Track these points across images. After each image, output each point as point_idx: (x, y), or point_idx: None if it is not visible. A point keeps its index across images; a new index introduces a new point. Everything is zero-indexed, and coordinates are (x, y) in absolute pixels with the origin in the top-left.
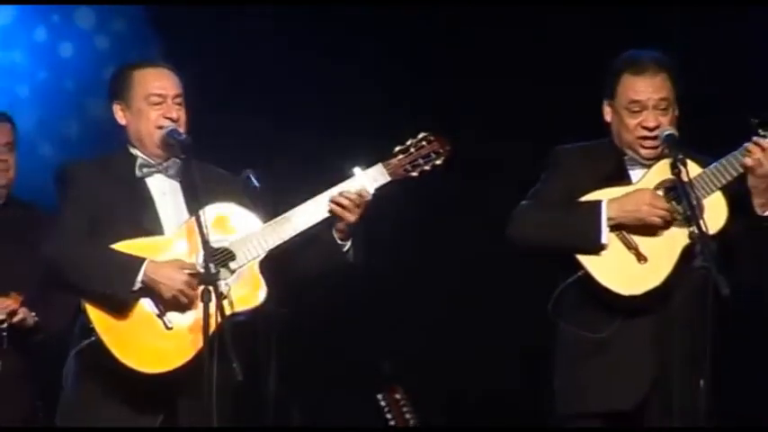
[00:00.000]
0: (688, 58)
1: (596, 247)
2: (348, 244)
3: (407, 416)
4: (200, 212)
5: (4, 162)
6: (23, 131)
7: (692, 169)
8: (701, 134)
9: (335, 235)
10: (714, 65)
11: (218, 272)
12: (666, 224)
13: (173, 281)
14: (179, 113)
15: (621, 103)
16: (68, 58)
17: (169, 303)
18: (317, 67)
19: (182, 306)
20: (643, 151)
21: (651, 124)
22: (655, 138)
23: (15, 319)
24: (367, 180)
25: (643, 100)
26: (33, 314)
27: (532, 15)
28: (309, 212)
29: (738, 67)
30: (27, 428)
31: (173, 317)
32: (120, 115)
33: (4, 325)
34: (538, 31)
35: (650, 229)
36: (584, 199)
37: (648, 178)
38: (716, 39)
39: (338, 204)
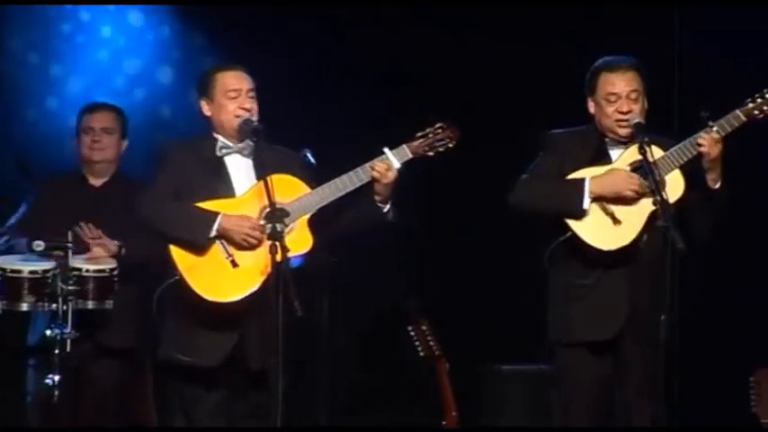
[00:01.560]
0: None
1: (579, 214)
2: (387, 206)
3: (432, 344)
4: (268, 179)
5: (98, 143)
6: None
7: (656, 152)
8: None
9: (376, 199)
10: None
11: (274, 227)
12: (637, 195)
13: (241, 228)
14: (251, 104)
15: (601, 95)
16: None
17: (237, 247)
18: (351, 70)
19: (246, 249)
20: (620, 131)
21: (625, 109)
22: (628, 120)
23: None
24: (393, 156)
25: (618, 91)
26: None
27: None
28: (346, 181)
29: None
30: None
31: (239, 258)
32: (205, 108)
33: (116, 271)
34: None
35: (624, 200)
36: (571, 176)
37: (623, 158)
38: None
39: (374, 171)
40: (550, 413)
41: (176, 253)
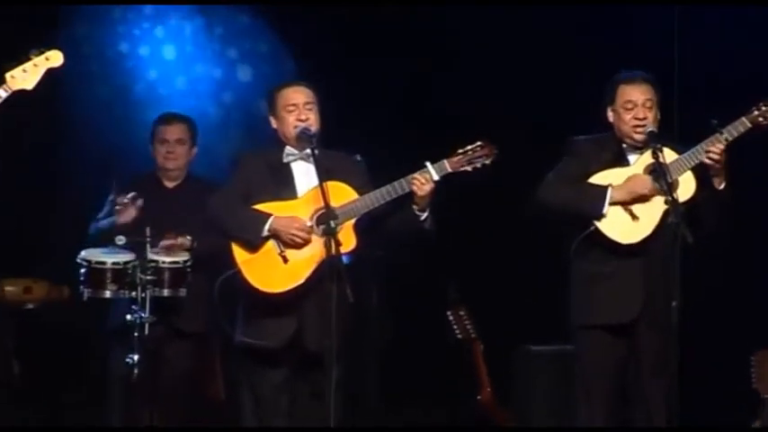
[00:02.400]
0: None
1: (599, 217)
2: (425, 215)
3: (468, 328)
4: (324, 185)
5: (172, 153)
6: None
7: (669, 155)
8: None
9: (414, 208)
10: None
11: (329, 225)
12: (652, 195)
13: (288, 228)
14: (308, 115)
15: (619, 104)
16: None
17: (286, 245)
18: (408, 88)
19: (293, 247)
20: (636, 136)
21: (641, 116)
22: (644, 126)
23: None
24: (433, 170)
25: (634, 99)
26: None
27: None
28: (390, 190)
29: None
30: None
31: (290, 254)
32: (272, 122)
33: (189, 263)
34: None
35: (641, 199)
36: (594, 178)
37: (639, 162)
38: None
39: (414, 183)
40: (573, 389)
41: (235, 248)
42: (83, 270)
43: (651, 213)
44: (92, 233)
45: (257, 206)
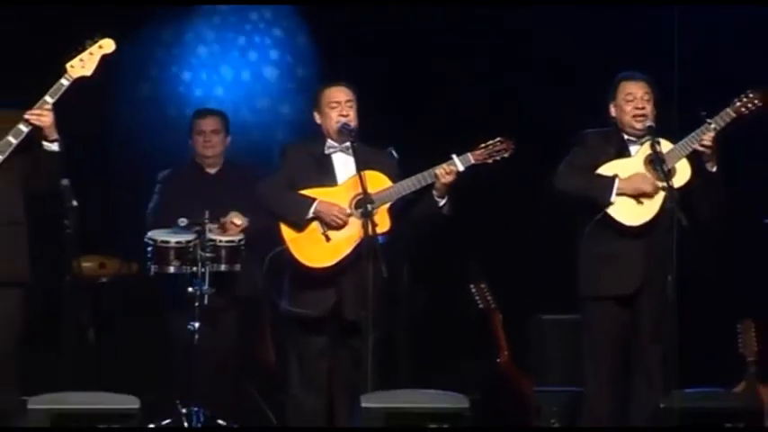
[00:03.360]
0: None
1: (607, 205)
2: (443, 201)
3: (489, 299)
4: (362, 174)
5: (209, 142)
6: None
7: (666, 146)
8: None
9: (435, 194)
10: None
11: (366, 208)
12: (655, 186)
13: (329, 211)
14: (349, 112)
15: (621, 98)
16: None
17: (328, 226)
18: (436, 86)
19: (334, 228)
20: (637, 125)
21: (640, 106)
22: (643, 116)
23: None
24: (459, 161)
25: (634, 92)
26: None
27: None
28: (420, 179)
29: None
30: None
31: (331, 234)
32: (317, 117)
33: (243, 241)
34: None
35: (645, 195)
36: (602, 169)
37: (639, 153)
38: None
39: (439, 173)
40: (581, 353)
41: (283, 228)
42: (149, 248)
43: (653, 201)
44: (148, 219)
45: (303, 191)
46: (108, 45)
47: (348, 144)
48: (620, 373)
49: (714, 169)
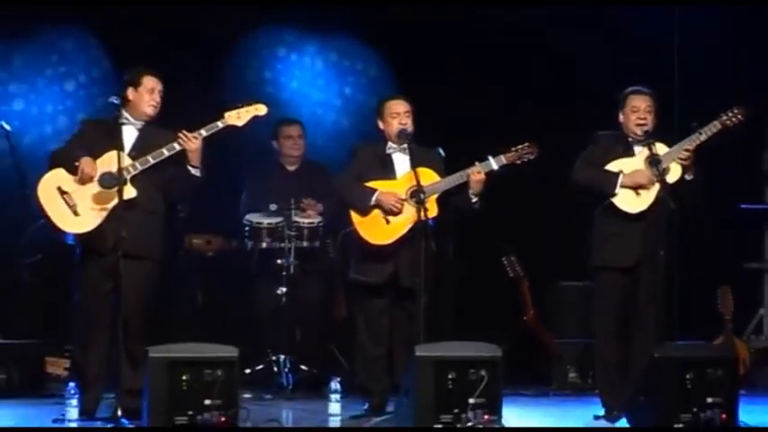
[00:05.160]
0: None
1: (612, 194)
2: (476, 198)
3: (518, 269)
4: (416, 170)
5: (297, 144)
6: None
7: (662, 149)
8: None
9: (470, 191)
10: None
11: (419, 197)
12: (651, 181)
13: (389, 200)
14: (406, 120)
15: (628, 109)
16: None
17: (388, 211)
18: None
19: (392, 214)
20: (638, 131)
21: (642, 116)
22: (644, 125)
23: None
24: (494, 162)
25: (638, 105)
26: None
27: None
28: (462, 175)
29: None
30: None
31: (390, 218)
32: (380, 124)
33: (321, 223)
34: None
35: (643, 187)
36: (610, 166)
37: (641, 153)
38: None
39: (472, 172)
40: (592, 312)
41: (352, 213)
42: (246, 228)
43: (649, 193)
44: (242, 206)
45: (368, 183)
46: (261, 109)
47: (405, 146)
48: (623, 328)
49: (691, 177)
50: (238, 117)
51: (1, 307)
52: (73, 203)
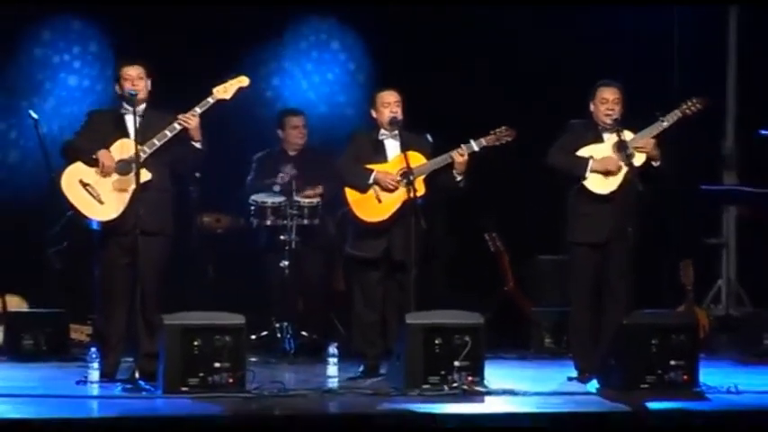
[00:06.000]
0: None
1: (583, 178)
2: (460, 177)
3: (499, 244)
4: (405, 154)
5: (301, 133)
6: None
7: (629, 135)
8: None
9: (454, 173)
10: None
11: (409, 178)
12: (618, 166)
13: (386, 178)
14: (397, 109)
15: (598, 100)
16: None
17: (384, 189)
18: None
19: (387, 192)
20: (607, 120)
21: (611, 107)
22: (612, 114)
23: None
24: (475, 144)
25: (607, 97)
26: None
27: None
28: (446, 157)
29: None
30: None
31: (383, 197)
32: (373, 113)
33: (320, 202)
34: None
35: (611, 173)
36: (581, 151)
37: (609, 140)
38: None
39: (455, 154)
40: (568, 284)
41: (348, 193)
42: (252, 207)
43: (616, 176)
44: (248, 188)
45: (364, 165)
46: (244, 81)
47: (396, 132)
48: (595, 298)
49: (657, 164)
50: (225, 91)
51: (30, 283)
52: (96, 194)
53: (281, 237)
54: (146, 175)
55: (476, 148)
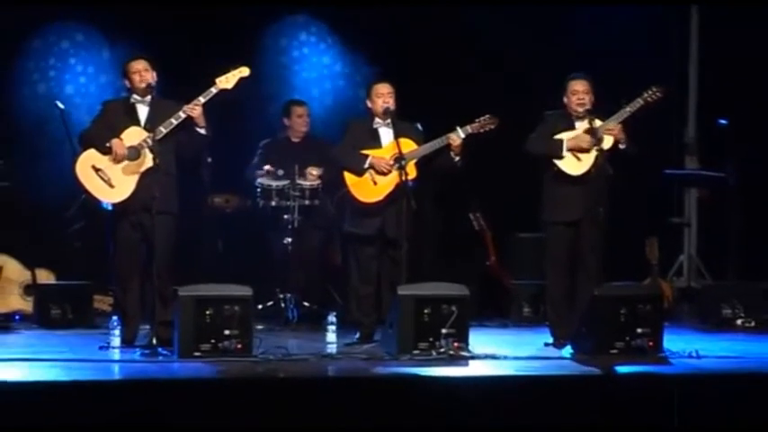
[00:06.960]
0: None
1: (560, 158)
2: (457, 158)
3: (482, 223)
4: (398, 140)
5: (306, 122)
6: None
7: (598, 123)
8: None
9: (451, 153)
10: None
11: (400, 163)
12: (590, 144)
13: (380, 163)
14: (390, 99)
15: (569, 91)
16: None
17: (379, 173)
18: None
19: (382, 175)
20: (579, 109)
21: (581, 97)
22: (582, 105)
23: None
24: (461, 131)
25: (577, 88)
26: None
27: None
28: (436, 143)
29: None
30: None
31: (378, 180)
32: (368, 103)
33: (320, 185)
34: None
35: (583, 150)
36: (558, 137)
37: (580, 126)
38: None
39: (450, 139)
40: (544, 259)
41: (347, 176)
42: (258, 190)
43: (588, 158)
44: (249, 172)
45: (360, 151)
46: (245, 71)
47: (389, 121)
48: (569, 272)
49: (623, 146)
50: (227, 81)
51: (58, 257)
52: (107, 178)
53: (285, 216)
54: (152, 161)
55: (462, 135)
